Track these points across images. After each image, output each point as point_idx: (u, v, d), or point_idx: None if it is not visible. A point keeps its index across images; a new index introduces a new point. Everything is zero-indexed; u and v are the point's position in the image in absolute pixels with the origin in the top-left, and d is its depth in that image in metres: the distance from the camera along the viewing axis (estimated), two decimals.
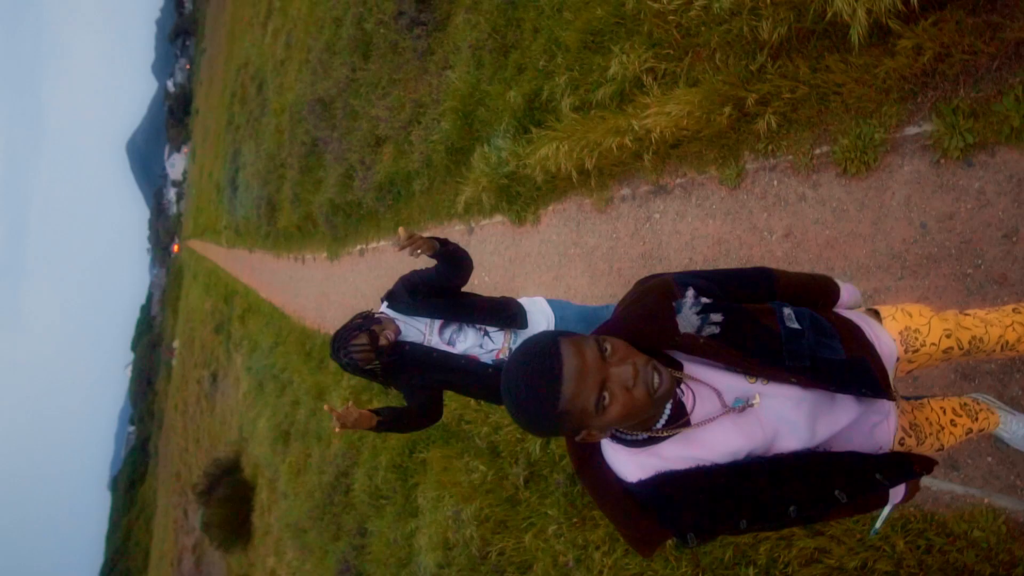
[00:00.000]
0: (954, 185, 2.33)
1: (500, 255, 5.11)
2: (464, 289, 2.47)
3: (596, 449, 1.19)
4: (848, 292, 1.51)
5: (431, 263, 2.33)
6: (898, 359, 1.43)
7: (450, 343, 2.37)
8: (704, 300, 1.18)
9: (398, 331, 2.34)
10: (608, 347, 1.02)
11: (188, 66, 76.55)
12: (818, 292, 1.43)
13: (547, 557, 3.66)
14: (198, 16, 62.47)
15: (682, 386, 1.15)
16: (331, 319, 8.73)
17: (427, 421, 2.45)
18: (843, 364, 1.23)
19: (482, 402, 4.72)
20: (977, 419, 1.81)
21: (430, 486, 4.99)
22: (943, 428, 1.68)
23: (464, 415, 4.92)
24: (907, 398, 1.72)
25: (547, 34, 4.31)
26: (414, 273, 2.37)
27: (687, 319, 1.15)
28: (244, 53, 18.71)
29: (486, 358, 2.38)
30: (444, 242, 2.26)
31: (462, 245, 2.39)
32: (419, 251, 2.16)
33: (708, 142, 3.27)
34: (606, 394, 0.99)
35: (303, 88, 10.03)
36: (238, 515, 11.87)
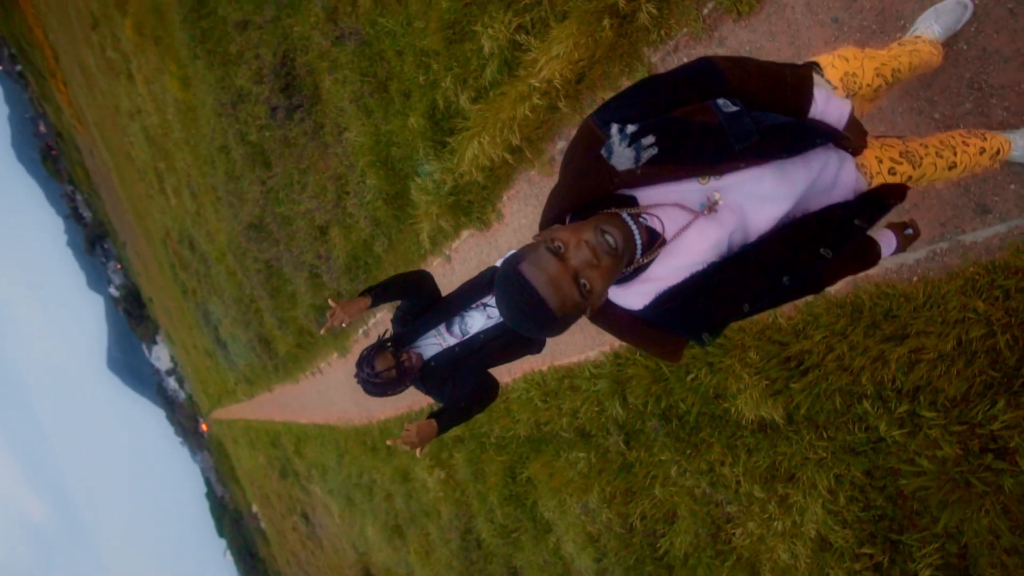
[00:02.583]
0: None
1: (485, 265, 5.11)
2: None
3: None
4: (823, 101, 1.32)
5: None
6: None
7: (463, 333, 2.56)
8: (630, 128, 1.14)
9: (420, 361, 2.55)
10: (558, 244, 1.05)
11: (119, 265, 76.58)
12: (784, 95, 1.29)
13: (684, 497, 3.67)
14: (100, 217, 62.37)
15: (644, 215, 1.17)
16: (373, 406, 8.73)
17: (487, 399, 2.60)
18: (792, 125, 1.22)
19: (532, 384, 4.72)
20: (986, 138, 1.81)
21: (547, 497, 4.99)
22: (955, 148, 1.69)
23: (539, 419, 4.93)
24: (900, 137, 1.69)
25: (411, 51, 4.30)
26: (397, 310, 2.63)
27: (621, 155, 1.14)
28: (160, 224, 18.68)
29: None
30: (372, 288, 2.48)
31: (444, 276, 2.52)
32: (344, 322, 2.38)
33: (607, 60, 3.26)
34: (583, 281, 1.04)
35: (229, 224, 10.02)
36: None
